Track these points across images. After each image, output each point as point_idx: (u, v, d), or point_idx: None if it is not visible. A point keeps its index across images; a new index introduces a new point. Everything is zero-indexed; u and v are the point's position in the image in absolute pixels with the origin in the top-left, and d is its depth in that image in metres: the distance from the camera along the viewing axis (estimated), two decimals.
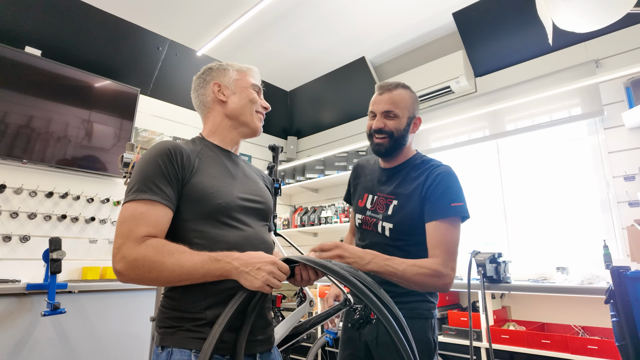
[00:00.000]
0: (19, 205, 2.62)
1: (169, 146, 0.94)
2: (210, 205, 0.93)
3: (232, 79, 1.12)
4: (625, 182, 2.31)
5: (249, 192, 1.04)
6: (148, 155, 0.93)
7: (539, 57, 2.80)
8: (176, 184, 0.91)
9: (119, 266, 0.81)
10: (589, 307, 2.25)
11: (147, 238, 0.83)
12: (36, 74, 2.69)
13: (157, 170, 0.89)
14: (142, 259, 0.80)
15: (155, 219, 0.86)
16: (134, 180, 0.90)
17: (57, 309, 2.10)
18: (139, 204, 0.86)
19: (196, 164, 0.96)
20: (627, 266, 1.38)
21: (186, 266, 0.81)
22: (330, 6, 2.82)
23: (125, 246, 0.81)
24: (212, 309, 0.88)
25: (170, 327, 0.88)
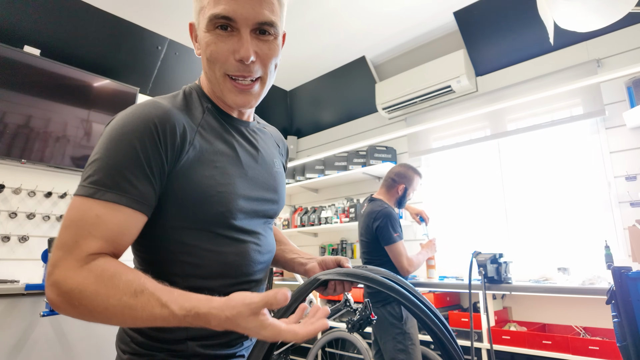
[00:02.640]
0: (18, 205, 2.62)
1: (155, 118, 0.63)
2: (207, 212, 0.67)
3: (197, 11, 0.70)
4: (627, 182, 2.30)
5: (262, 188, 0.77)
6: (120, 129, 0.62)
7: (540, 56, 2.79)
8: (159, 176, 0.63)
9: (51, 295, 0.55)
10: (590, 307, 2.24)
11: (95, 257, 0.57)
12: (35, 74, 2.68)
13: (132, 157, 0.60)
14: (78, 293, 0.54)
15: (114, 231, 0.59)
16: (95, 165, 0.60)
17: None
18: (95, 204, 0.58)
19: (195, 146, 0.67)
20: (629, 266, 1.38)
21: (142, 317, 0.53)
22: (330, 6, 2.81)
23: (62, 265, 0.55)
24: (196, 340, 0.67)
25: (138, 355, 0.67)
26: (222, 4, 0.64)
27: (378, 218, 2.15)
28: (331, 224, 3.57)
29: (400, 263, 2.11)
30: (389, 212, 2.17)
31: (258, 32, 0.68)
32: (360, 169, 3.44)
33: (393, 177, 2.32)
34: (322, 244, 3.92)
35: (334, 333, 2.86)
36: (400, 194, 2.29)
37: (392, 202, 2.29)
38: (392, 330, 2.00)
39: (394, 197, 2.30)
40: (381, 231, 2.13)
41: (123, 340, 0.70)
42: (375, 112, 3.68)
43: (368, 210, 2.26)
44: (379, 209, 2.19)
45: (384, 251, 2.16)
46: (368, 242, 2.23)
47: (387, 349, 2.00)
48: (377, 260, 2.18)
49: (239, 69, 0.68)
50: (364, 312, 1.30)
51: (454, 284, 2.51)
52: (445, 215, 3.14)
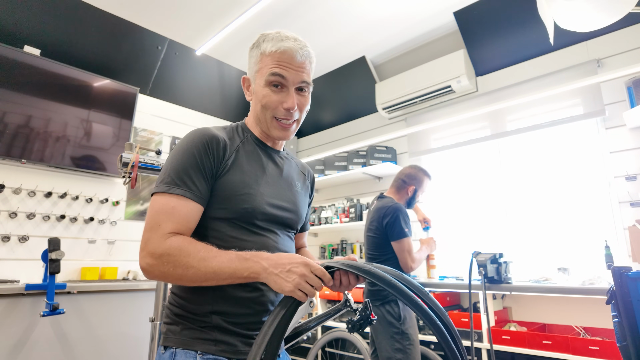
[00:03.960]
0: (18, 205, 2.61)
1: (207, 136, 0.87)
2: (235, 207, 0.87)
3: (254, 72, 0.95)
4: (627, 182, 2.30)
5: (282, 199, 0.96)
6: (184, 144, 0.87)
7: (540, 56, 2.79)
8: (210, 178, 0.86)
9: (144, 262, 0.78)
10: (590, 307, 2.24)
11: (173, 234, 0.79)
12: (35, 74, 2.68)
13: (193, 163, 0.84)
14: (167, 255, 0.76)
15: (185, 216, 0.81)
16: (168, 170, 0.84)
17: (56, 310, 2.09)
18: (170, 198, 0.81)
19: (232, 159, 0.90)
20: (629, 266, 1.38)
21: (212, 265, 0.76)
22: (330, 6, 2.81)
23: (151, 241, 0.78)
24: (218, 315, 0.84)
25: (174, 324, 0.85)
26: (278, 69, 0.90)
27: (388, 213, 2.16)
28: (331, 224, 3.57)
29: (405, 259, 2.12)
30: (400, 207, 2.18)
31: (298, 89, 0.94)
32: (360, 169, 3.44)
33: (403, 179, 2.33)
34: (322, 244, 3.91)
35: (334, 333, 2.86)
36: (410, 195, 2.31)
37: (402, 202, 2.30)
38: (389, 330, 2.00)
39: (404, 198, 2.31)
40: (391, 226, 2.13)
41: (166, 315, 0.89)
42: (375, 112, 3.68)
43: (378, 206, 2.26)
44: (390, 204, 2.20)
45: (390, 248, 2.16)
46: (375, 237, 2.22)
47: (383, 348, 2.00)
48: (382, 257, 2.19)
49: (285, 114, 0.93)
50: (364, 312, 1.30)
51: (454, 284, 2.51)
52: (445, 215, 3.14)
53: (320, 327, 3.04)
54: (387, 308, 2.02)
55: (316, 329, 3.04)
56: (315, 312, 3.14)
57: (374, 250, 2.24)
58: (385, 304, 2.03)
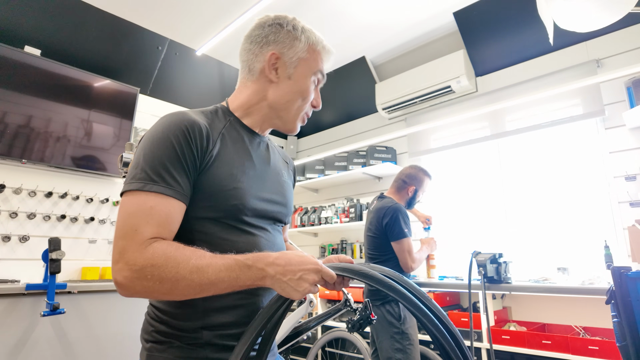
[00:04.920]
0: (18, 205, 2.62)
1: (186, 122, 0.73)
2: (223, 204, 0.76)
3: (298, 57, 0.86)
4: (627, 182, 2.30)
5: (270, 191, 0.86)
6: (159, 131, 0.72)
7: (540, 56, 2.79)
8: (192, 172, 0.73)
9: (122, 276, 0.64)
10: (589, 307, 2.24)
11: (154, 240, 0.66)
12: (35, 74, 2.69)
13: (171, 154, 0.70)
14: (150, 267, 0.63)
15: (166, 217, 0.68)
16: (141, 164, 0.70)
17: (57, 309, 2.10)
18: (147, 196, 0.67)
19: (217, 148, 0.77)
20: (628, 266, 1.38)
21: (208, 275, 0.64)
22: (330, 6, 2.81)
23: (128, 251, 0.64)
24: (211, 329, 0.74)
25: (158, 343, 0.74)
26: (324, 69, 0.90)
27: (388, 214, 2.16)
28: (331, 224, 3.57)
29: (405, 259, 2.13)
30: (400, 208, 2.18)
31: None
32: (360, 169, 3.44)
33: (403, 179, 2.34)
34: (322, 244, 3.92)
35: (334, 333, 2.87)
36: (411, 195, 2.31)
37: (402, 203, 2.31)
38: (390, 330, 2.00)
39: (404, 198, 2.32)
40: (391, 227, 2.14)
41: (146, 331, 0.78)
42: (375, 112, 3.68)
43: (378, 206, 2.27)
44: (389, 204, 2.20)
45: (390, 247, 2.17)
46: (375, 237, 2.23)
47: (384, 348, 2.00)
48: (382, 257, 2.19)
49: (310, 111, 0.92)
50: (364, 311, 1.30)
51: (454, 284, 2.51)
52: (445, 215, 3.14)
53: (320, 327, 3.04)
54: (387, 308, 2.02)
55: (316, 328, 3.04)
56: (315, 312, 3.15)
57: (374, 250, 2.24)
58: (385, 304, 2.03)
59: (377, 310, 2.03)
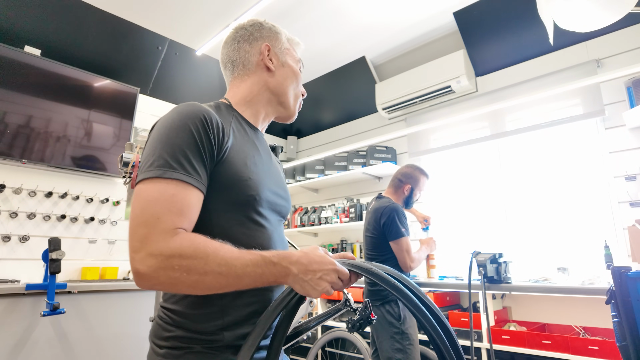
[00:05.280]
0: (18, 205, 2.62)
1: (204, 112, 0.72)
2: (241, 195, 0.75)
3: (284, 48, 0.95)
4: (627, 182, 2.30)
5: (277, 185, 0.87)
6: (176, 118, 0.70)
7: (540, 56, 2.79)
8: (210, 162, 0.71)
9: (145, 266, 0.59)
10: (589, 307, 2.24)
11: (178, 231, 0.63)
12: (35, 74, 2.69)
13: (191, 141, 0.68)
14: (178, 257, 0.60)
15: (188, 206, 0.66)
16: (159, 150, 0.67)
17: (57, 309, 2.10)
18: (168, 184, 0.64)
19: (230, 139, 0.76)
20: (628, 266, 1.38)
21: (236, 267, 0.63)
22: (330, 6, 2.81)
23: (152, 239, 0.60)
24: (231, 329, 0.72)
25: (175, 349, 0.70)
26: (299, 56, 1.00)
27: (385, 214, 2.17)
28: (331, 224, 3.57)
29: (404, 259, 2.13)
30: (396, 208, 2.19)
31: None
32: (360, 169, 3.44)
33: (400, 178, 2.35)
34: (322, 244, 3.92)
35: (334, 333, 2.87)
36: (407, 194, 2.32)
37: (399, 202, 2.32)
38: (389, 330, 2.00)
39: (401, 197, 2.33)
40: (388, 227, 2.15)
41: (159, 336, 0.73)
42: (375, 112, 3.68)
43: (376, 206, 2.28)
44: (386, 204, 2.22)
45: (389, 247, 2.17)
46: (373, 237, 2.24)
47: (384, 348, 2.01)
48: (381, 257, 2.20)
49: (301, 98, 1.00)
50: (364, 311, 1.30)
51: (454, 284, 2.51)
52: (445, 215, 3.14)
53: (320, 327, 3.04)
54: (387, 308, 2.03)
55: (316, 328, 3.04)
56: (315, 312, 3.15)
57: (372, 250, 2.25)
58: (385, 304, 2.03)
59: (377, 310, 2.03)
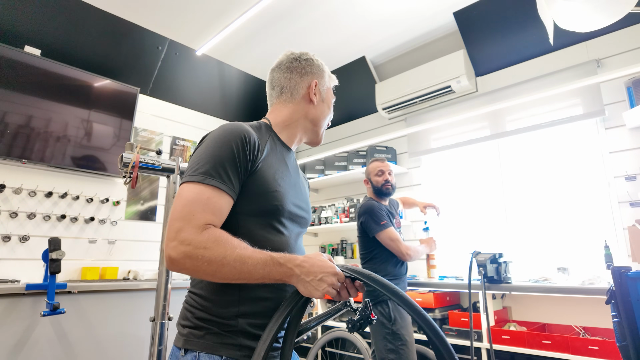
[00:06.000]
0: (18, 205, 2.62)
1: (245, 132, 0.87)
2: (267, 204, 0.87)
3: (326, 87, 1.11)
4: (627, 182, 2.30)
5: (300, 199, 0.99)
6: (222, 136, 0.85)
7: (540, 56, 2.79)
8: (243, 175, 0.85)
9: (176, 252, 0.73)
10: (590, 307, 2.24)
11: (208, 227, 0.76)
12: (35, 74, 2.69)
13: (230, 156, 0.82)
14: (203, 248, 0.73)
15: (220, 209, 0.79)
16: (204, 160, 0.82)
17: (57, 309, 2.10)
18: (205, 189, 0.78)
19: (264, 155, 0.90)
20: (628, 266, 1.38)
21: (248, 264, 0.75)
22: (330, 6, 2.81)
23: (185, 231, 0.74)
24: (245, 317, 0.83)
25: (197, 328, 0.82)
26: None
27: (361, 214, 2.30)
28: (331, 224, 3.57)
29: (393, 248, 2.18)
30: (368, 205, 2.28)
31: None
32: (361, 169, 3.44)
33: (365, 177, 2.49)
34: (322, 244, 3.92)
35: (334, 333, 2.87)
36: (371, 186, 2.41)
37: (375, 197, 2.40)
38: (382, 330, 2.03)
39: (371, 192, 2.42)
40: (367, 225, 2.25)
41: (185, 317, 0.86)
42: (375, 112, 3.68)
43: (358, 207, 2.41)
44: (361, 205, 2.35)
45: (373, 245, 2.25)
46: (360, 237, 2.35)
47: (378, 349, 2.04)
48: (369, 255, 2.28)
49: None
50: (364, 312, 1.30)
51: (454, 284, 2.51)
52: (445, 215, 3.14)
53: (320, 327, 3.04)
54: (378, 309, 2.05)
55: (316, 328, 3.04)
56: (315, 312, 3.15)
57: (361, 249, 2.34)
58: (377, 305, 2.06)
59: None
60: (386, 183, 2.35)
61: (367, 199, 2.40)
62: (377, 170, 2.38)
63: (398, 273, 2.22)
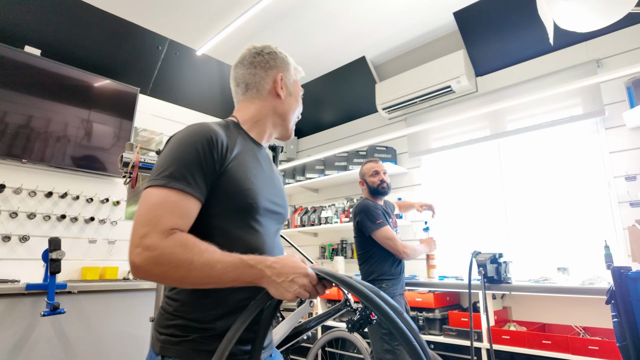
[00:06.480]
0: (18, 205, 2.62)
1: (211, 132, 0.84)
2: (240, 202, 0.85)
3: (292, 79, 1.08)
4: (627, 182, 2.30)
5: (275, 195, 0.97)
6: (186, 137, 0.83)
7: (540, 56, 2.79)
8: (211, 176, 0.82)
9: (140, 259, 0.70)
10: (590, 307, 2.24)
11: (174, 231, 0.74)
12: (36, 74, 2.69)
13: (195, 159, 0.80)
14: (169, 254, 0.71)
15: (185, 212, 0.77)
16: (168, 163, 0.79)
17: (57, 309, 2.10)
18: (170, 192, 0.76)
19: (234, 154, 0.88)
20: (628, 266, 1.38)
21: (217, 268, 0.73)
22: (330, 6, 2.81)
23: (150, 236, 0.71)
24: (223, 319, 0.81)
25: (173, 336, 0.80)
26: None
27: (356, 214, 2.31)
28: (331, 223, 3.57)
29: (393, 246, 2.18)
30: (363, 205, 2.29)
31: None
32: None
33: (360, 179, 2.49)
34: (322, 244, 3.92)
35: (334, 333, 2.87)
36: (366, 187, 2.42)
37: (370, 197, 2.41)
38: (379, 331, 2.04)
39: (366, 192, 2.43)
40: (362, 225, 2.25)
41: (161, 324, 0.83)
42: (375, 112, 3.68)
43: (353, 208, 2.41)
44: (356, 205, 2.36)
45: (369, 245, 2.26)
46: (356, 237, 2.36)
47: (375, 349, 2.06)
48: (365, 255, 2.28)
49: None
50: (364, 311, 1.30)
51: (454, 284, 2.51)
52: (445, 215, 3.14)
53: (320, 327, 3.04)
54: None
55: (316, 328, 3.04)
56: (315, 312, 3.15)
57: (359, 249, 2.35)
58: None
59: None
60: (382, 183, 2.36)
61: (361, 199, 2.42)
62: (371, 170, 2.39)
63: (395, 273, 2.23)
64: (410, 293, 2.62)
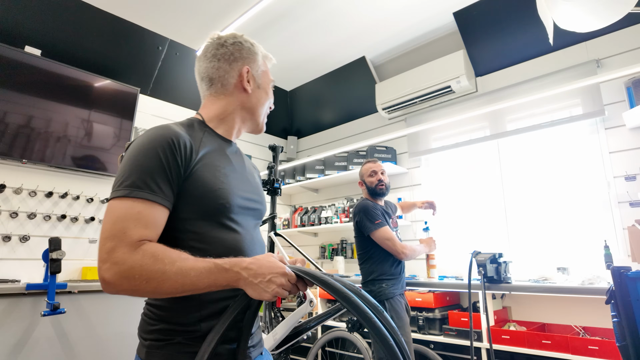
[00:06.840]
0: (19, 205, 2.62)
1: (172, 135, 0.80)
2: (211, 204, 0.83)
3: (260, 70, 1.01)
4: (626, 182, 2.31)
5: (249, 191, 0.95)
6: (146, 143, 0.79)
7: (540, 56, 2.79)
8: (177, 181, 0.79)
9: (110, 274, 0.68)
10: (589, 307, 2.24)
11: (142, 242, 0.72)
12: (36, 74, 2.69)
13: (157, 164, 0.76)
14: (139, 267, 0.68)
15: (152, 221, 0.74)
16: (129, 172, 0.75)
17: (57, 309, 2.10)
18: (134, 202, 0.73)
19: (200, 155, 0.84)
20: (628, 266, 1.38)
21: (190, 276, 0.71)
22: (330, 6, 2.81)
23: (118, 250, 0.69)
24: (207, 320, 0.80)
25: (157, 340, 0.79)
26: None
27: (355, 215, 2.32)
28: (331, 223, 3.57)
29: (389, 247, 2.19)
30: (362, 205, 2.30)
31: None
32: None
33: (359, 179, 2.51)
34: (322, 244, 3.92)
35: (334, 332, 2.87)
36: (365, 187, 2.43)
37: (369, 197, 2.42)
38: None
39: (366, 192, 2.45)
40: (362, 225, 2.26)
41: (144, 330, 0.83)
42: (375, 112, 3.69)
43: (353, 208, 2.43)
44: (357, 204, 2.36)
45: (368, 245, 2.26)
46: (356, 237, 2.36)
47: (376, 348, 2.08)
48: (365, 255, 2.29)
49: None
50: None
51: (454, 284, 2.52)
52: (445, 215, 3.14)
53: (320, 327, 3.04)
54: None
55: (316, 328, 3.04)
56: (315, 312, 3.15)
57: (359, 249, 2.35)
58: None
59: None
60: (380, 183, 2.36)
61: (360, 199, 2.43)
62: (369, 171, 2.40)
63: (395, 272, 2.23)
64: (410, 293, 2.63)
